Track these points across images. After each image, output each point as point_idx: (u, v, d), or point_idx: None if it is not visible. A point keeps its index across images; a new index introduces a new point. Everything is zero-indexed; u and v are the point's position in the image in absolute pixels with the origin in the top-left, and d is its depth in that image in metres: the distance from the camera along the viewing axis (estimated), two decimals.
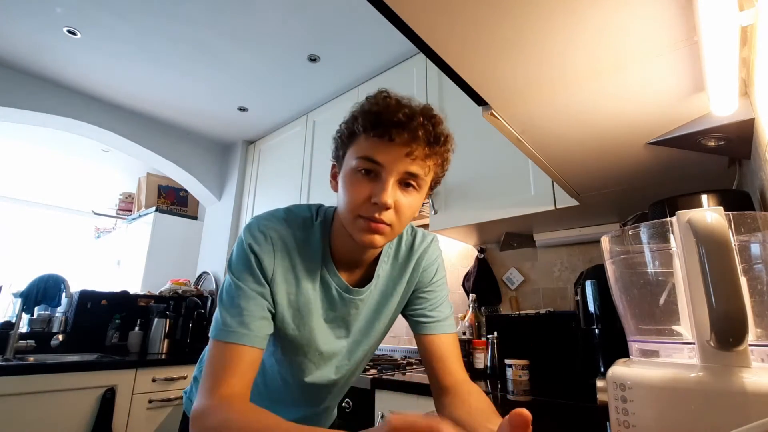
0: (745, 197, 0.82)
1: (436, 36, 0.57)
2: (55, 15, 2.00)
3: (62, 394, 1.79)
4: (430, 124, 0.62)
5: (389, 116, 0.60)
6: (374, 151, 0.61)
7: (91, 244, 4.49)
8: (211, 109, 2.87)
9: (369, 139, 0.62)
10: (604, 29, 0.55)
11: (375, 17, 1.87)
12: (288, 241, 0.69)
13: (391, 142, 0.61)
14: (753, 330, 0.34)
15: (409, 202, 0.64)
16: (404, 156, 0.61)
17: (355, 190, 0.63)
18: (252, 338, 0.63)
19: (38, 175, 4.16)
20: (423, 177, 0.64)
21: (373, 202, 0.61)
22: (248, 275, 0.66)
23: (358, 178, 0.63)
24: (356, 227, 0.63)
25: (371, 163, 0.62)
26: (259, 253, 0.67)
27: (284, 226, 0.70)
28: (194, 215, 3.75)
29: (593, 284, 1.15)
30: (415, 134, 0.61)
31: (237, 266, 0.67)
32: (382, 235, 0.63)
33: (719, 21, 0.49)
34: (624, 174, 1.05)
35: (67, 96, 2.63)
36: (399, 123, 0.60)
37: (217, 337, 0.63)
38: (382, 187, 0.61)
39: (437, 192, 1.77)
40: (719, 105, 0.68)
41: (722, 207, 0.37)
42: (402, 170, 0.62)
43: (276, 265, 0.68)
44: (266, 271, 0.67)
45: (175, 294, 2.81)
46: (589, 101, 0.73)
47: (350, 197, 0.63)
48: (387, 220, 0.62)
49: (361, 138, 0.63)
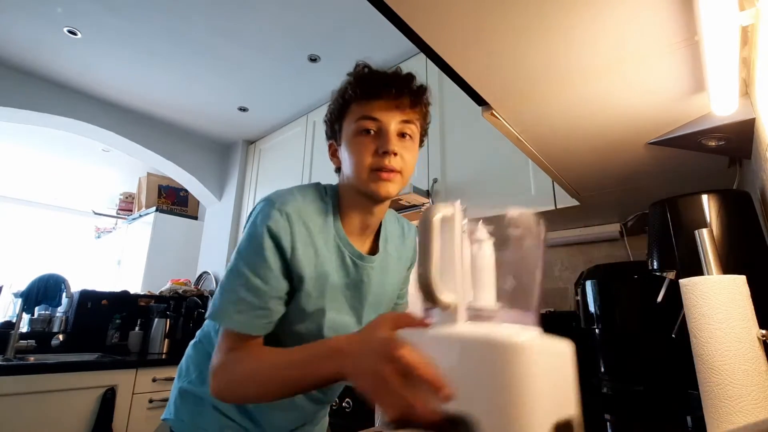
0: (746, 197, 0.81)
1: (436, 36, 0.57)
2: (55, 15, 2.00)
3: (62, 394, 1.79)
4: (409, 79, 0.72)
5: (374, 79, 0.71)
6: (369, 109, 0.70)
7: (92, 244, 4.49)
8: (211, 109, 2.87)
9: (361, 104, 0.71)
10: (605, 29, 0.55)
11: (375, 17, 1.87)
12: (303, 212, 0.71)
13: (381, 99, 0.70)
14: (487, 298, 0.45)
15: (408, 149, 0.72)
16: (395, 108, 0.70)
17: (363, 149, 0.70)
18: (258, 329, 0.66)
19: (38, 175, 4.16)
20: (414, 123, 0.73)
21: (382, 152, 0.69)
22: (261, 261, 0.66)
23: (361, 139, 0.70)
24: (370, 180, 0.70)
25: (370, 121, 0.70)
26: (276, 232, 0.66)
27: (299, 197, 0.72)
28: (194, 215, 3.75)
29: (593, 284, 1.15)
30: (399, 88, 0.70)
31: (247, 251, 0.67)
32: (393, 183, 0.70)
33: (719, 21, 0.49)
34: (624, 174, 1.05)
35: (67, 96, 2.63)
36: (384, 82, 0.70)
37: (224, 325, 0.65)
38: (386, 138, 0.69)
39: (437, 192, 1.78)
40: (719, 105, 0.68)
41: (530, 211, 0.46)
42: (397, 120, 0.71)
43: (295, 240, 0.68)
44: (285, 251, 0.67)
45: (176, 294, 2.81)
46: (589, 101, 0.73)
47: (359, 156, 0.70)
48: (397, 166, 0.70)
49: (353, 106, 0.72)
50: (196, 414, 0.78)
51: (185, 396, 0.80)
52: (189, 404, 0.79)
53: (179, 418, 0.79)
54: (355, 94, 0.70)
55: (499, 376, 0.36)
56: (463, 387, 0.39)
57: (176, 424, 0.79)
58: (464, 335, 0.41)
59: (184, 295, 2.82)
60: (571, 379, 0.43)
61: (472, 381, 0.38)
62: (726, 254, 0.74)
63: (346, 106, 0.73)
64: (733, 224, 0.78)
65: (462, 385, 0.39)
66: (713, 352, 0.59)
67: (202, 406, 0.77)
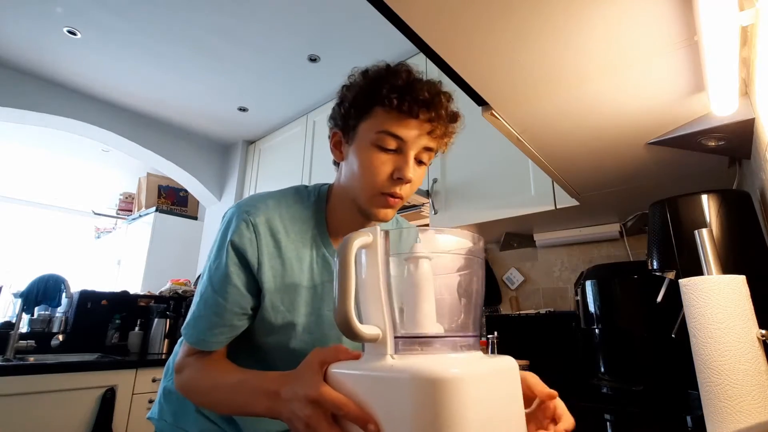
0: (745, 197, 0.81)
1: (436, 36, 0.57)
2: (55, 15, 1.99)
3: (62, 394, 1.79)
4: (449, 103, 0.66)
5: (415, 93, 0.62)
6: (398, 126, 0.63)
7: (92, 244, 4.48)
8: (211, 109, 2.87)
9: (390, 114, 0.63)
10: (604, 29, 0.55)
11: (375, 17, 1.87)
12: (274, 221, 0.67)
13: (414, 119, 0.62)
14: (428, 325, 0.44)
15: (419, 176, 0.68)
16: (426, 133, 0.64)
17: (378, 166, 0.64)
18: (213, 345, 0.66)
19: (38, 175, 4.16)
20: (436, 150, 0.68)
21: (396, 178, 0.64)
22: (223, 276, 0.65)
23: (378, 155, 0.64)
24: (374, 202, 0.66)
25: (395, 140, 0.63)
26: (241, 245, 0.64)
27: (272, 204, 0.69)
28: (194, 215, 3.75)
29: (593, 284, 1.15)
30: (438, 113, 0.63)
31: (212, 264, 0.66)
32: (394, 209, 0.67)
33: (719, 21, 0.49)
34: (624, 174, 1.05)
35: (67, 96, 2.63)
36: (424, 101, 0.62)
37: (184, 338, 0.67)
38: (406, 163, 0.63)
39: (437, 192, 1.77)
40: (719, 105, 0.68)
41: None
42: (422, 146, 0.65)
43: (261, 254, 0.65)
44: (251, 264, 0.65)
45: (175, 294, 2.81)
46: (589, 101, 0.73)
47: (372, 174, 0.64)
48: (405, 194, 0.66)
49: (380, 110, 0.64)
50: (179, 415, 0.76)
51: (169, 396, 0.78)
52: (173, 405, 0.78)
53: (162, 418, 0.78)
54: (388, 101, 0.62)
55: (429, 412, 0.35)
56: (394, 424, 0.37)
57: (159, 424, 0.78)
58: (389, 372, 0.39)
59: (184, 295, 2.82)
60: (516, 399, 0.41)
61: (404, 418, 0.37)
62: (726, 254, 0.74)
63: (371, 106, 0.64)
64: (733, 224, 0.78)
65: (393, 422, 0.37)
66: (713, 352, 0.59)
67: (185, 407, 0.76)
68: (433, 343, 0.43)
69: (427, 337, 0.43)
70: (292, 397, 0.47)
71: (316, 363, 0.47)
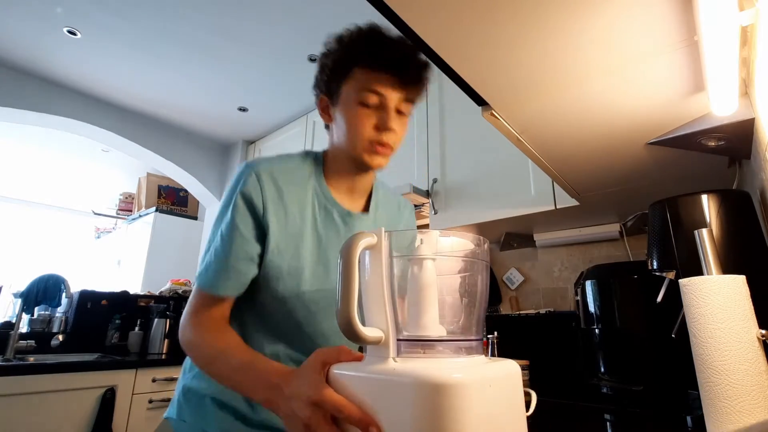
0: (745, 197, 0.82)
1: (436, 36, 0.57)
2: (55, 15, 1.99)
3: (62, 394, 1.78)
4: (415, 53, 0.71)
5: (388, 51, 0.69)
6: (377, 83, 0.69)
7: (91, 244, 4.48)
8: (211, 109, 2.87)
9: (368, 72, 0.70)
10: (604, 29, 0.55)
11: (375, 17, 1.87)
12: (277, 173, 0.73)
13: (388, 73, 0.69)
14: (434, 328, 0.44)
15: (402, 126, 0.74)
16: (400, 86, 0.70)
17: (363, 121, 0.71)
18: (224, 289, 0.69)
19: (38, 175, 4.16)
20: (413, 101, 0.74)
21: (380, 128, 0.70)
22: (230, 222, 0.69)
23: (362, 111, 0.71)
24: (366, 151, 0.71)
25: (374, 95, 0.70)
26: (247, 192, 0.70)
27: (276, 160, 0.75)
28: (194, 215, 3.75)
29: (593, 284, 1.15)
30: (411, 66, 0.70)
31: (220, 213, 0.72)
32: (385, 157, 0.73)
33: (719, 21, 0.49)
34: (624, 174, 1.05)
35: (67, 96, 2.63)
36: (397, 57, 0.69)
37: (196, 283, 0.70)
38: (387, 116, 0.70)
39: (437, 192, 1.77)
40: (719, 105, 0.68)
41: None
42: (400, 97, 0.71)
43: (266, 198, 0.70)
44: (257, 208, 0.70)
45: (176, 294, 2.81)
46: (589, 101, 0.73)
47: (358, 128, 0.71)
48: (392, 142, 0.72)
49: (357, 70, 0.71)
50: (199, 416, 0.74)
51: (188, 394, 0.77)
52: (192, 404, 0.76)
53: (181, 418, 0.76)
54: (363, 59, 0.70)
55: (431, 417, 0.35)
56: (395, 428, 0.37)
57: (178, 425, 0.77)
58: (391, 375, 0.39)
59: (184, 295, 2.82)
60: (518, 404, 0.41)
61: (405, 422, 0.37)
62: (726, 254, 0.74)
63: (349, 67, 0.72)
64: (733, 224, 0.78)
65: (394, 426, 0.37)
66: (713, 352, 0.59)
67: (205, 406, 0.74)
68: (436, 346, 0.43)
69: (429, 340, 0.43)
70: (293, 395, 0.47)
71: (319, 363, 0.47)
